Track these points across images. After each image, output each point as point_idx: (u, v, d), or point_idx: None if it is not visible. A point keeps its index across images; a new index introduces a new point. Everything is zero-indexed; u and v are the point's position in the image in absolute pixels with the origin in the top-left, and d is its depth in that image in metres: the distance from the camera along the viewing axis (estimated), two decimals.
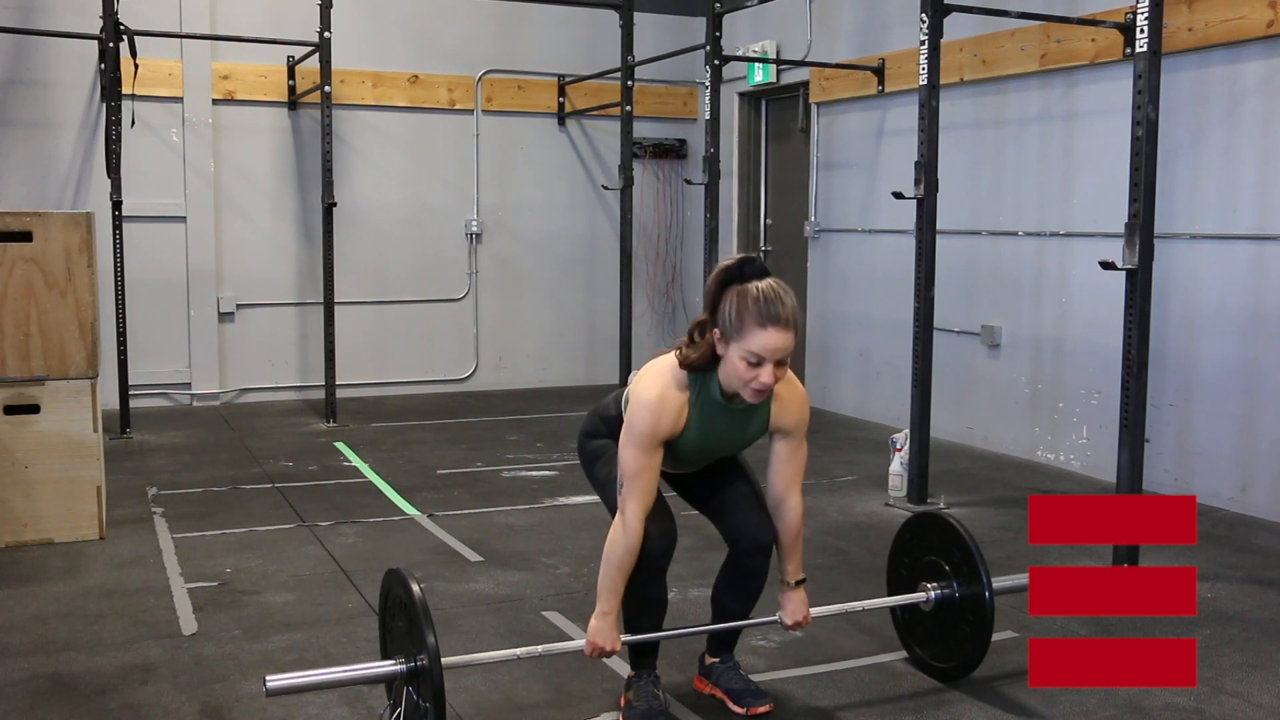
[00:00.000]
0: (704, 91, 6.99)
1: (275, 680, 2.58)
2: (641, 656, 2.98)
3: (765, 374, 2.62)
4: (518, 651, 2.84)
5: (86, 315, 4.53)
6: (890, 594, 3.39)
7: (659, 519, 2.82)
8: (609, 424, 2.97)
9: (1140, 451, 4.19)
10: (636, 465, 2.72)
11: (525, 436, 6.83)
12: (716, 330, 2.67)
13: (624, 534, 2.72)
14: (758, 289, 2.61)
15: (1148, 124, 4.02)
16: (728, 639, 3.11)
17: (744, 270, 2.65)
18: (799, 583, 2.97)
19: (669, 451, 2.80)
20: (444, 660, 2.54)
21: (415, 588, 2.61)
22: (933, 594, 3.18)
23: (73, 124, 7.36)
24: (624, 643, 2.81)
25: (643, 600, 2.88)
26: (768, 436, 2.91)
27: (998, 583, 3.09)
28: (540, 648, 2.86)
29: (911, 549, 3.32)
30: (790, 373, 2.78)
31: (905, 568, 3.34)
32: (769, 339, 2.59)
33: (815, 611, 3.04)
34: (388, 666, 2.68)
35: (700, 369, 2.74)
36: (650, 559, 2.80)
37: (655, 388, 2.74)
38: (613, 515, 2.79)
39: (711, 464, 3.01)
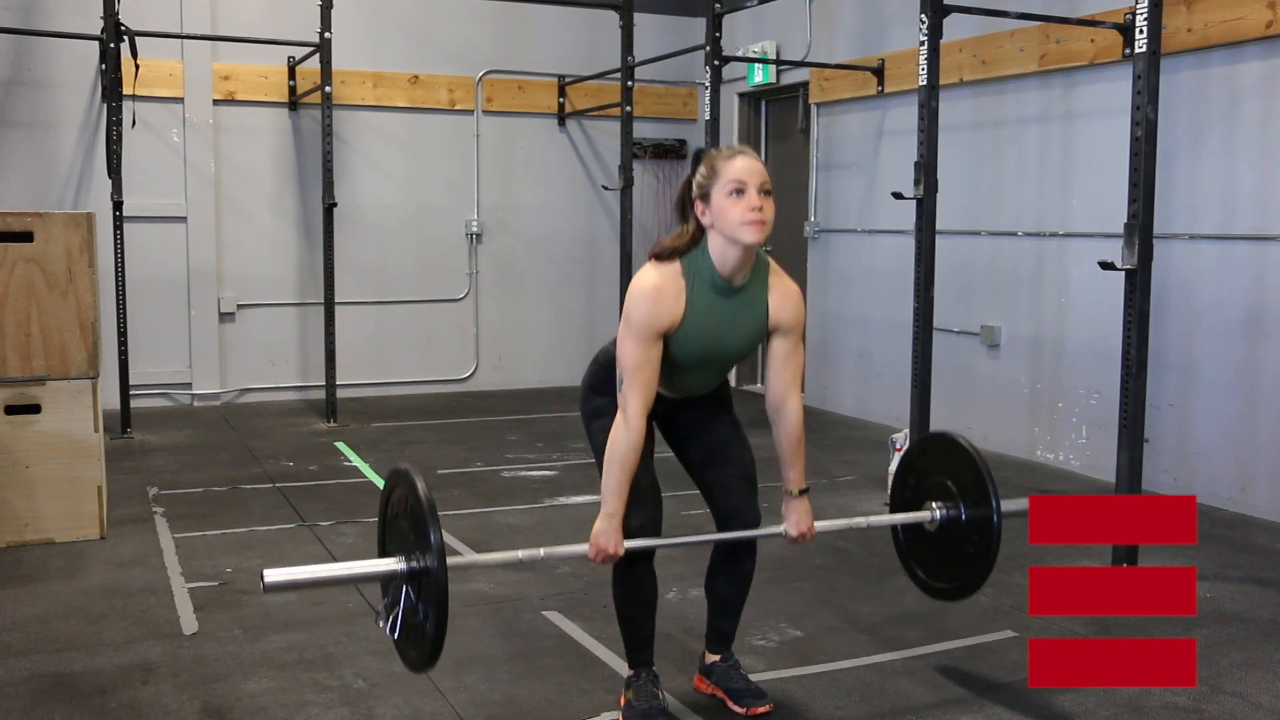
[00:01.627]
0: (704, 92, 6.99)
1: (273, 575, 2.49)
2: (639, 653, 2.98)
3: (753, 198, 2.69)
4: (519, 554, 2.77)
5: (87, 315, 4.53)
6: (894, 513, 3.28)
7: (646, 507, 2.84)
8: (609, 371, 2.93)
9: (1140, 451, 4.19)
10: (636, 359, 2.72)
11: (525, 436, 6.83)
12: (697, 202, 2.76)
13: (626, 431, 2.72)
14: (715, 148, 2.81)
15: (1147, 124, 4.02)
16: (727, 634, 3.11)
17: (700, 153, 2.83)
18: (802, 492, 2.96)
19: (670, 357, 2.78)
20: (449, 560, 2.45)
21: (422, 486, 2.51)
22: (938, 514, 3.10)
23: (74, 124, 7.36)
24: (626, 550, 2.76)
25: (632, 583, 2.90)
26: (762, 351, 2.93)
27: (1005, 505, 2.99)
28: (542, 550, 2.77)
29: (919, 469, 3.23)
30: (785, 274, 2.89)
31: (910, 488, 3.24)
32: (743, 164, 2.71)
33: (820, 525, 3.01)
34: (388, 564, 2.59)
35: (688, 249, 2.80)
36: (634, 551, 2.84)
37: (650, 277, 2.77)
38: (601, 473, 2.78)
39: (714, 426, 2.98)
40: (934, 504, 3.12)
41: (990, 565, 3.01)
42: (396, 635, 2.59)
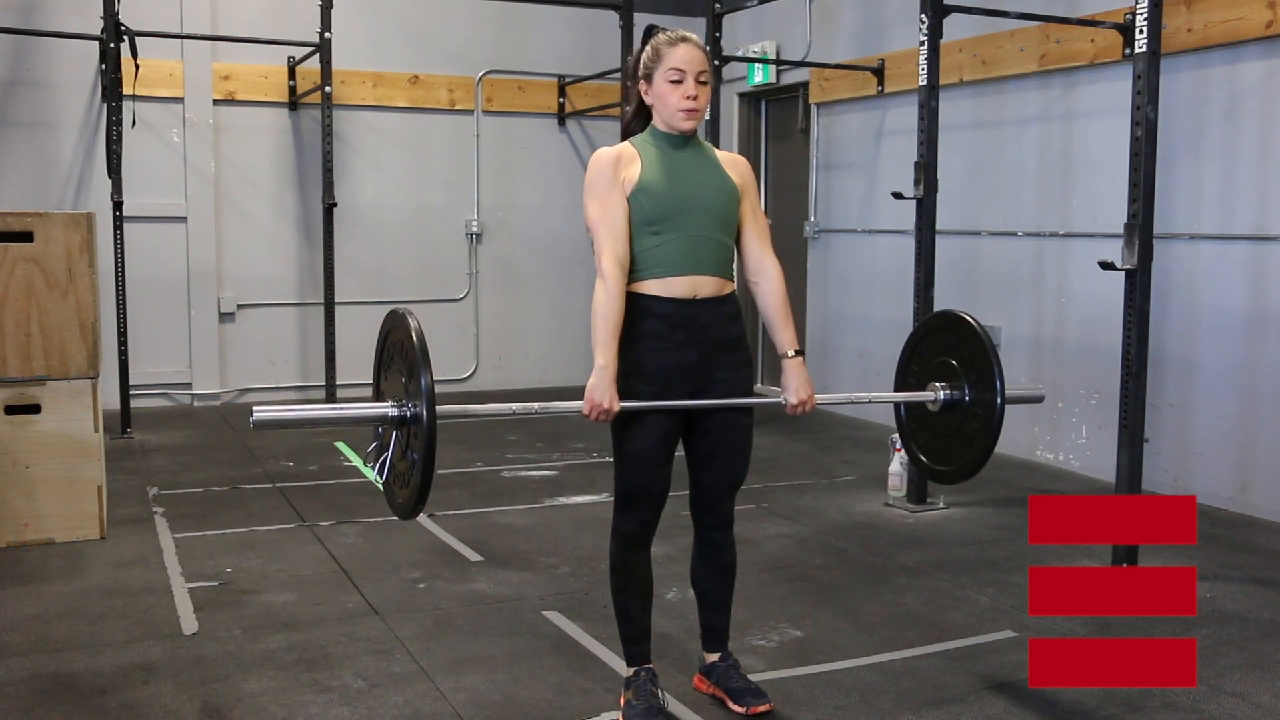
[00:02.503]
0: None
1: (262, 411, 2.48)
2: (636, 648, 2.99)
3: (689, 86, 2.82)
4: (513, 406, 2.80)
5: (87, 315, 4.53)
6: (898, 391, 3.26)
7: (648, 511, 2.87)
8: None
9: (1140, 451, 4.19)
10: (598, 212, 2.84)
11: (525, 436, 6.83)
12: (641, 82, 2.90)
13: (604, 287, 2.78)
14: (663, 31, 2.91)
15: (1147, 124, 4.02)
16: (720, 630, 3.10)
17: (650, 31, 2.93)
18: (797, 353, 2.97)
19: (647, 216, 2.82)
20: (440, 408, 2.45)
21: (415, 328, 2.51)
22: (941, 394, 3.10)
23: (73, 124, 7.36)
24: (622, 409, 2.75)
25: (630, 573, 2.94)
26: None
27: (1010, 391, 2.98)
28: (536, 406, 2.79)
29: (924, 349, 3.21)
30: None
31: (915, 366, 3.22)
32: (683, 51, 2.83)
33: (821, 398, 3.01)
34: (378, 408, 2.57)
35: (637, 130, 2.97)
36: (633, 536, 2.89)
37: (599, 151, 2.91)
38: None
39: (731, 434, 2.93)
40: (938, 384, 3.12)
41: (991, 445, 3.03)
42: (384, 478, 2.59)
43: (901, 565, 4.32)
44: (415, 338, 2.47)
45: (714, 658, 3.11)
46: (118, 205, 6.64)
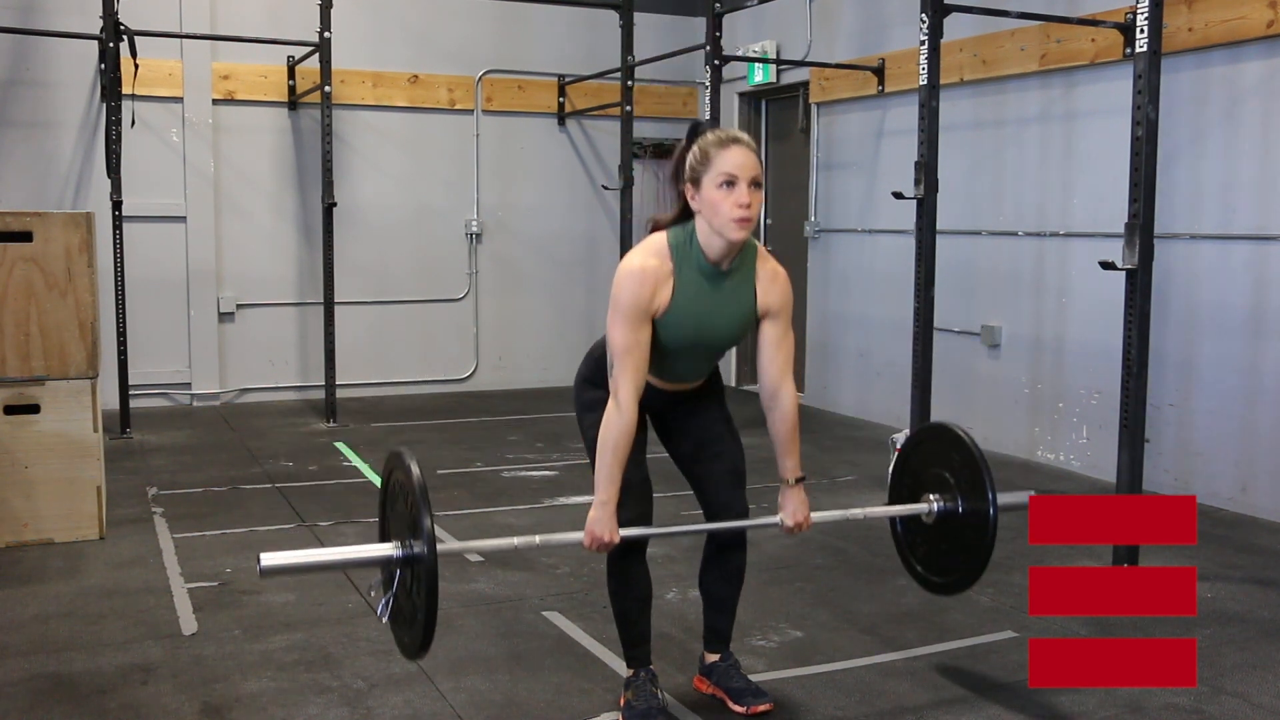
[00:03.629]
0: (704, 91, 6.99)
1: (270, 559, 2.47)
2: (636, 650, 2.99)
3: (742, 193, 2.66)
4: (515, 541, 2.75)
5: (86, 315, 4.53)
6: (892, 504, 3.25)
7: (637, 502, 2.85)
8: (604, 364, 2.91)
9: (1140, 451, 4.19)
10: (625, 342, 2.71)
11: (525, 436, 6.83)
12: (687, 185, 2.74)
13: (618, 416, 2.70)
14: (712, 131, 2.74)
15: (1147, 124, 4.02)
16: (723, 632, 3.10)
17: (696, 129, 2.77)
18: (798, 480, 2.95)
19: (659, 341, 2.77)
20: (440, 547, 2.44)
21: (414, 469, 2.49)
22: (935, 506, 3.09)
23: (73, 124, 7.36)
24: (621, 537, 2.75)
25: (627, 579, 2.92)
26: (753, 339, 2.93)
27: (1002, 499, 2.98)
28: (538, 538, 2.76)
29: (916, 462, 3.20)
30: (772, 258, 2.88)
31: (908, 480, 3.22)
32: (735, 155, 2.67)
33: (816, 516, 3.00)
34: (382, 549, 2.58)
35: (673, 224, 2.80)
36: (628, 541, 2.85)
37: (636, 258, 2.76)
38: (594, 466, 2.77)
39: (705, 421, 2.97)
40: (931, 496, 3.11)
41: (986, 558, 3.00)
42: (388, 619, 2.59)
43: (901, 565, 4.31)
44: (415, 479, 2.48)
45: (714, 658, 3.11)
46: (117, 205, 6.64)
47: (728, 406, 3.06)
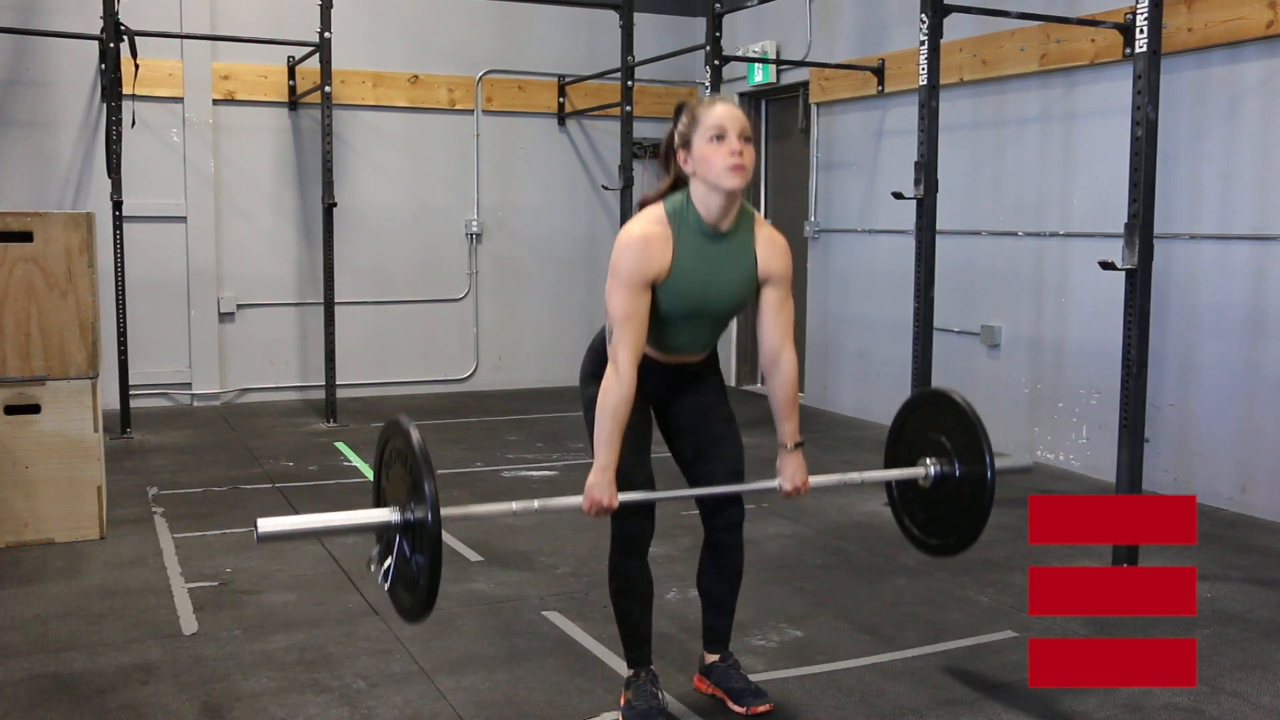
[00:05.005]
0: (704, 92, 7.00)
1: (267, 524, 2.47)
2: (637, 651, 2.99)
3: (733, 142, 2.68)
4: (513, 505, 2.73)
5: (87, 315, 4.53)
6: (888, 468, 3.25)
7: (639, 514, 2.86)
8: (604, 360, 2.88)
9: (1140, 451, 4.19)
10: (624, 309, 2.71)
11: (525, 436, 6.83)
12: (679, 151, 2.76)
13: (616, 382, 2.70)
14: (698, 97, 2.80)
15: (1147, 124, 4.02)
16: (721, 632, 3.10)
17: (682, 108, 2.80)
18: (797, 445, 2.96)
19: (660, 309, 2.77)
20: (443, 511, 2.44)
21: (415, 435, 2.50)
22: (932, 470, 3.09)
23: (73, 124, 7.36)
24: (621, 503, 2.74)
25: (629, 580, 2.93)
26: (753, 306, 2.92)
27: (1000, 462, 2.98)
28: (536, 503, 2.75)
29: (912, 426, 3.20)
30: (769, 224, 2.89)
31: (905, 443, 3.22)
32: (723, 110, 2.71)
33: (814, 480, 3.00)
34: (382, 515, 2.58)
35: (669, 193, 2.81)
36: (631, 542, 2.88)
37: (635, 226, 2.77)
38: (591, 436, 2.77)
39: (709, 420, 2.97)
40: (928, 460, 3.11)
41: (983, 521, 3.00)
42: (389, 584, 2.59)
43: (901, 565, 4.32)
44: (417, 446, 2.48)
45: (714, 658, 3.11)
46: (117, 205, 6.64)
47: (729, 403, 3.05)
